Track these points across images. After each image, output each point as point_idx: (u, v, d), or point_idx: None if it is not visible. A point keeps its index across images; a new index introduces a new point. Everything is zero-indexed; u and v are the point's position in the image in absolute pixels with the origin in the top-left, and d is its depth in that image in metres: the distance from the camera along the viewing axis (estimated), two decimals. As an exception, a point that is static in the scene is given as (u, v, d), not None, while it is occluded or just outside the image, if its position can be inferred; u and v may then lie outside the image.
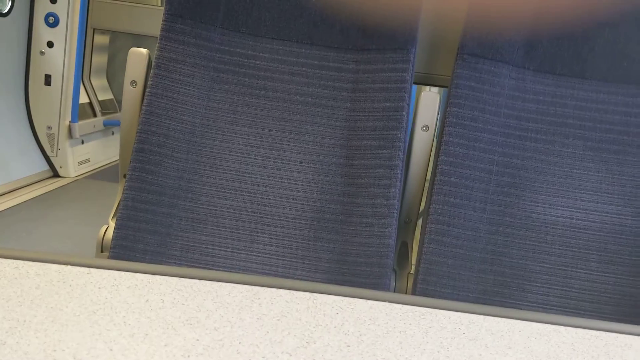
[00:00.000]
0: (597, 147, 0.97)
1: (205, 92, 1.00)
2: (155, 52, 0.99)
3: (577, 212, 0.96)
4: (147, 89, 0.98)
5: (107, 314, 0.39)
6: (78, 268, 0.46)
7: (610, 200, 0.96)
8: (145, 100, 0.98)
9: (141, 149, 0.96)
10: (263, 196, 0.98)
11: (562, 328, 0.46)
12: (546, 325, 0.46)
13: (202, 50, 1.00)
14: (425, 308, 0.47)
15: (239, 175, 0.99)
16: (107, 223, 1.02)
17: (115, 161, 3.55)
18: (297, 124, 1.01)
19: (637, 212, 0.96)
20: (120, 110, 3.79)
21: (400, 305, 0.47)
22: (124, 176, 1.03)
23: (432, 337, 0.42)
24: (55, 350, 0.34)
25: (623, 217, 0.96)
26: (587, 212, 0.96)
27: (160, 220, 0.95)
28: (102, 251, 0.99)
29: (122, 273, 0.46)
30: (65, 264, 0.46)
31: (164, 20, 1.00)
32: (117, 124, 3.51)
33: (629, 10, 0.94)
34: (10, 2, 2.80)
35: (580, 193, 0.97)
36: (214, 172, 0.98)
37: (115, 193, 3.10)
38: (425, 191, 1.02)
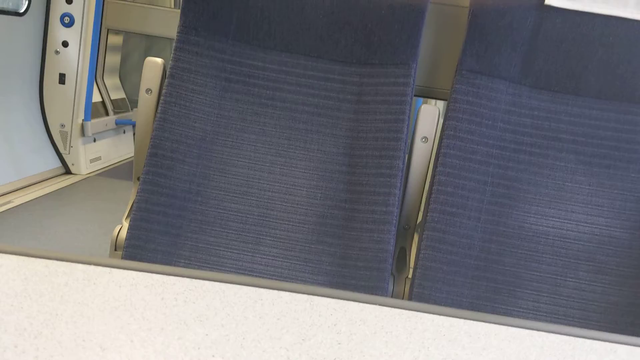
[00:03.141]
0: (589, 161, 1.02)
1: (217, 101, 1.06)
2: (170, 62, 1.05)
3: (568, 223, 1.01)
4: (162, 97, 1.03)
5: (127, 310, 0.45)
6: (101, 268, 0.51)
7: (600, 213, 1.01)
8: (159, 108, 1.03)
9: (155, 153, 1.02)
10: (269, 201, 1.03)
11: (534, 332, 0.51)
12: (520, 329, 0.51)
13: (214, 61, 1.05)
14: (411, 311, 0.52)
15: (246, 180, 1.04)
16: (121, 223, 1.07)
17: (126, 159, 3.62)
18: (302, 132, 1.06)
19: (625, 224, 1.00)
20: (132, 109, 3.84)
21: (388, 309, 0.52)
22: (138, 179, 1.09)
23: (415, 338, 0.47)
24: (84, 341, 0.39)
25: (612, 229, 1.00)
26: (578, 223, 1.01)
27: (171, 222, 1.01)
28: (115, 249, 1.05)
29: (140, 273, 0.52)
30: (89, 263, 0.52)
31: (178, 32, 1.05)
32: (129, 122, 3.58)
33: (622, 33, 0.99)
34: (27, 2, 2.86)
35: (572, 205, 1.01)
36: (223, 177, 1.04)
37: (125, 190, 3.16)
38: (424, 199, 1.07)
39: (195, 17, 1.04)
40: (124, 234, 1.04)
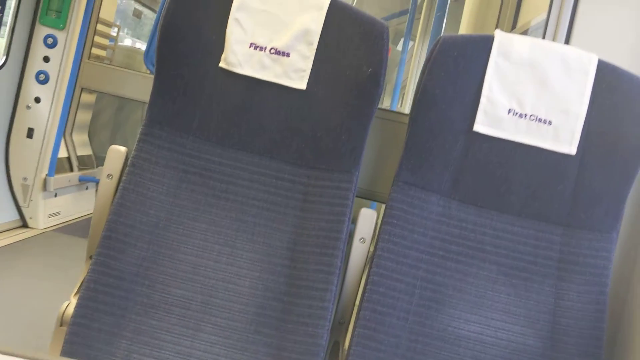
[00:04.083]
0: (508, 272, 1.12)
1: (173, 190, 1.13)
2: (133, 151, 1.13)
3: (487, 329, 1.09)
4: (121, 184, 1.11)
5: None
6: (40, 365, 0.57)
7: (517, 321, 1.10)
8: (118, 193, 1.10)
9: (109, 236, 1.08)
10: (213, 289, 1.09)
11: None
12: None
13: (174, 154, 1.14)
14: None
15: (193, 267, 1.10)
16: (69, 299, 1.12)
17: (85, 215, 3.62)
18: (251, 225, 1.14)
19: (539, 333, 1.09)
20: (97, 166, 3.85)
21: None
22: (90, 257, 1.15)
23: None
24: None
25: (527, 337, 1.09)
26: (496, 330, 1.09)
27: (117, 303, 1.06)
28: (61, 325, 1.09)
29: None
30: (30, 359, 0.57)
31: (143, 125, 1.14)
32: (92, 180, 3.60)
33: (541, 161, 1.11)
34: (4, 58, 2.94)
35: (491, 312, 1.10)
36: (171, 263, 1.10)
37: (81, 248, 3.15)
38: (359, 296, 1.15)
39: (161, 113, 1.13)
40: (70, 310, 1.08)
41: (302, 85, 1.13)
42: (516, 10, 1.76)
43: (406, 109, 4.10)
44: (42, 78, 3.09)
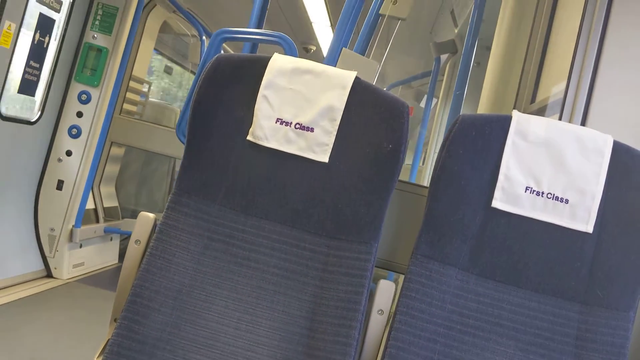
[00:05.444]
0: (526, 348, 1.12)
1: (197, 257, 1.17)
2: (161, 219, 1.17)
3: None
4: (148, 250, 1.15)
5: None
6: None
7: None
8: (145, 259, 1.14)
9: (134, 301, 1.11)
10: (232, 356, 1.11)
11: None
12: None
13: (200, 222, 1.18)
14: None
15: (213, 333, 1.13)
16: (92, 361, 1.14)
17: (108, 266, 3.67)
18: (271, 293, 1.17)
19: None
20: (122, 217, 3.91)
21: None
22: (115, 320, 1.18)
23: None
24: None
25: None
26: None
27: (139, 367, 1.09)
28: (83, 387, 1.11)
29: None
30: None
31: (172, 194, 1.19)
32: (117, 231, 3.67)
33: (558, 237, 1.13)
34: (39, 113, 3.06)
35: None
36: (193, 329, 1.13)
37: (103, 299, 3.17)
38: (376, 366, 1.16)
39: (189, 183, 1.19)
40: (94, 373, 1.11)
41: (324, 158, 1.17)
42: (535, 83, 1.81)
43: (428, 165, 4.15)
44: (75, 132, 3.21)
